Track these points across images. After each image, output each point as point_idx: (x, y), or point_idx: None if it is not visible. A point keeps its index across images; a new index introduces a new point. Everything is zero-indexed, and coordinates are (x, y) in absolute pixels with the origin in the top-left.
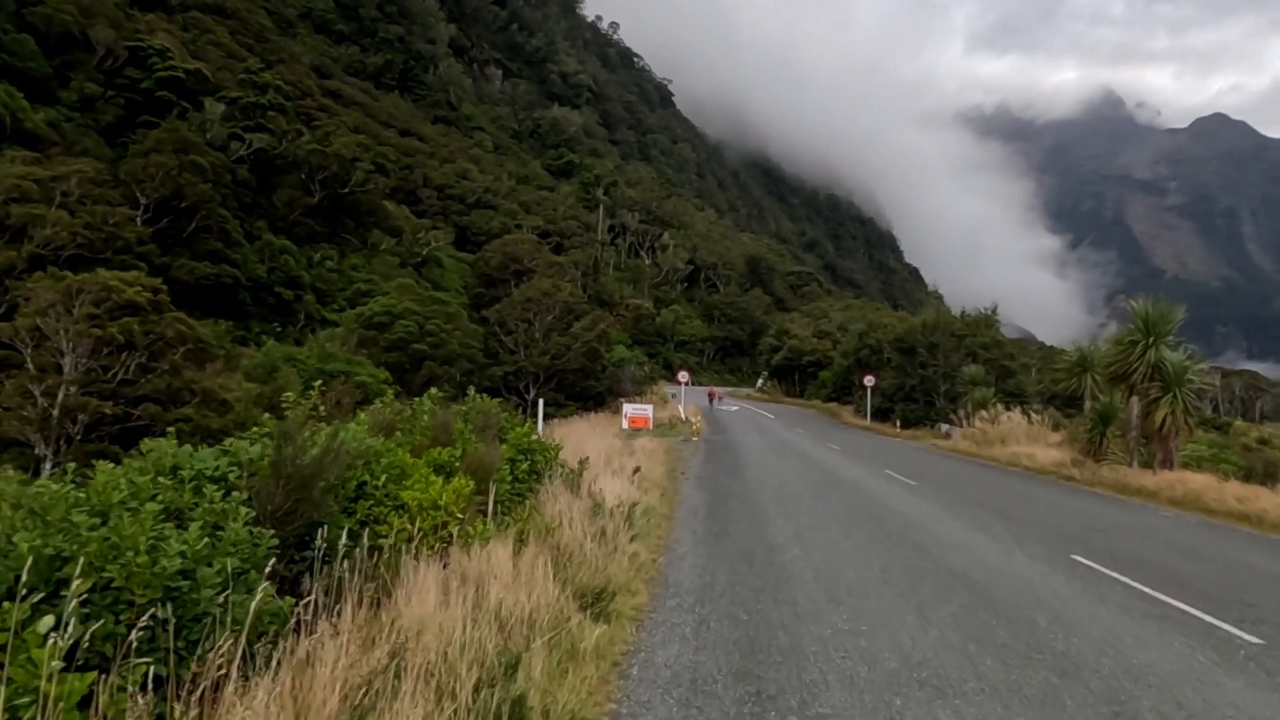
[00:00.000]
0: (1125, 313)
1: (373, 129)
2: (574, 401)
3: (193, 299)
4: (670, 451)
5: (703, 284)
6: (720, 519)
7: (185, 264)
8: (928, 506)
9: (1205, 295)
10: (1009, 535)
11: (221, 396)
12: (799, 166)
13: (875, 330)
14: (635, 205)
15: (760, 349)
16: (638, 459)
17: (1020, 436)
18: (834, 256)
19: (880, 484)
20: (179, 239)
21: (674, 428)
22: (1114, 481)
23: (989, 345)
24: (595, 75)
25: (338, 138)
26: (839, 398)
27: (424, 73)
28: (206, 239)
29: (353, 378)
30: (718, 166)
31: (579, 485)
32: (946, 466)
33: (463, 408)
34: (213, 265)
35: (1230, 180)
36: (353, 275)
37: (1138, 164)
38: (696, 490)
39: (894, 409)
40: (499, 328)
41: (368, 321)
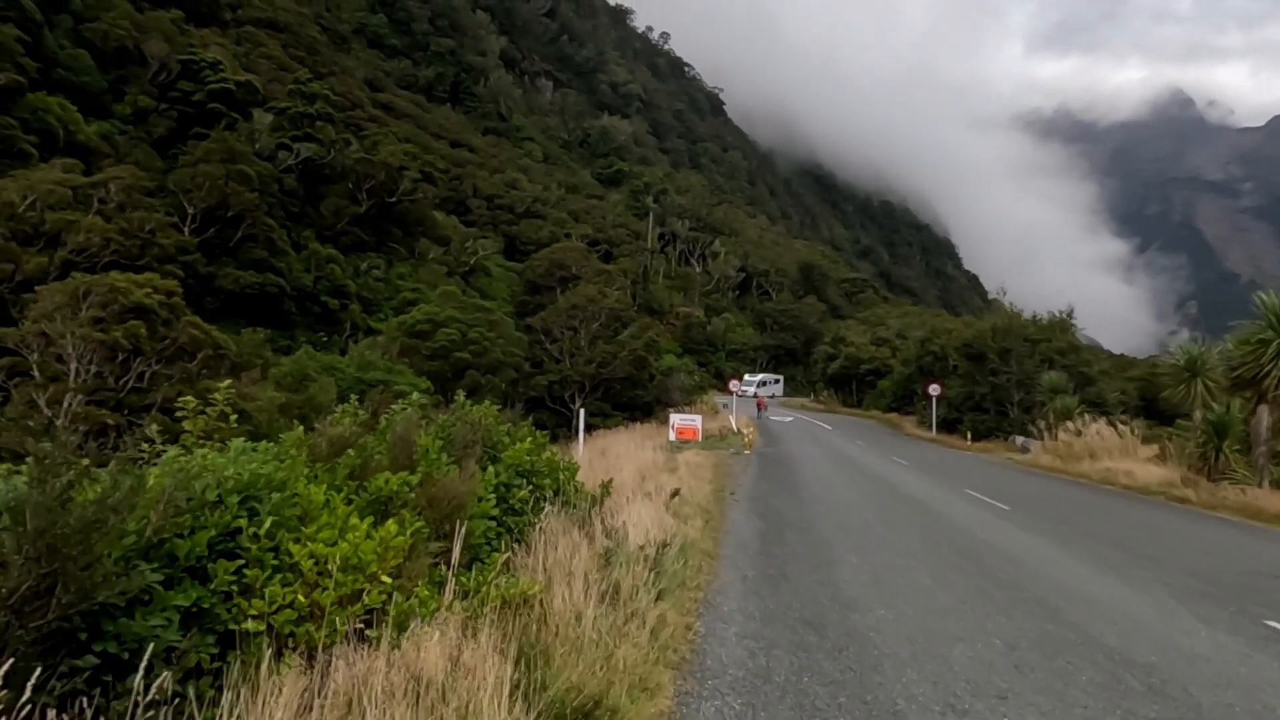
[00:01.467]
0: (1196, 319)
1: (423, 140)
2: (620, 411)
3: (237, 307)
4: (719, 466)
5: (755, 292)
6: (776, 557)
7: (230, 272)
8: (1031, 540)
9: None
10: (1156, 583)
11: (241, 407)
12: (851, 173)
13: (939, 336)
14: (685, 213)
15: (815, 357)
16: (680, 477)
17: (1111, 450)
18: (889, 264)
19: (964, 507)
20: (225, 248)
21: (724, 439)
22: (1242, 505)
23: (1065, 351)
24: (645, 85)
25: (385, 146)
26: (899, 408)
27: (475, 84)
28: (252, 248)
29: (392, 387)
30: (769, 174)
31: (593, 518)
32: (1034, 486)
33: (447, 417)
34: (257, 274)
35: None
36: (399, 284)
37: (1208, 165)
38: (747, 516)
39: (962, 419)
40: (544, 335)
41: (410, 329)
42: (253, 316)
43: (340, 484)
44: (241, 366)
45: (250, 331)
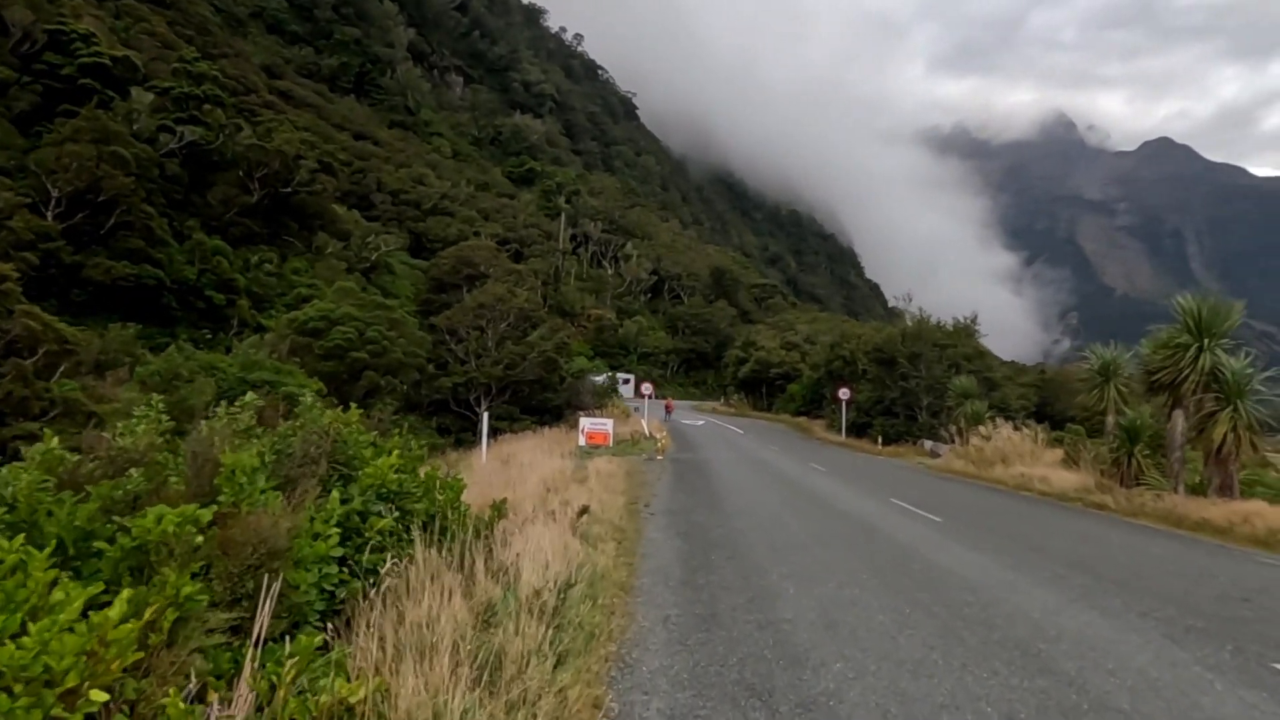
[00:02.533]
0: (1077, 329)
1: (325, 131)
2: (530, 415)
3: (110, 301)
4: (632, 475)
5: (667, 295)
6: (703, 589)
7: (101, 262)
8: (981, 561)
9: (1153, 313)
10: (1133, 614)
11: (89, 408)
12: (761, 182)
13: (848, 341)
14: (598, 214)
15: (726, 361)
16: (590, 489)
17: (1022, 455)
18: (796, 271)
19: (897, 521)
20: (96, 236)
21: (637, 444)
22: (1163, 512)
23: (972, 356)
24: (559, 85)
25: (281, 134)
26: (809, 412)
27: (381, 76)
28: (127, 236)
29: (279, 388)
30: (681, 180)
31: (478, 552)
32: (956, 493)
33: (288, 425)
34: (133, 265)
35: (1176, 202)
36: (294, 280)
37: (1089, 185)
38: (667, 534)
39: (872, 424)
40: (449, 336)
41: (302, 327)
42: (127, 311)
43: (88, 526)
44: (107, 365)
45: (119, 327)
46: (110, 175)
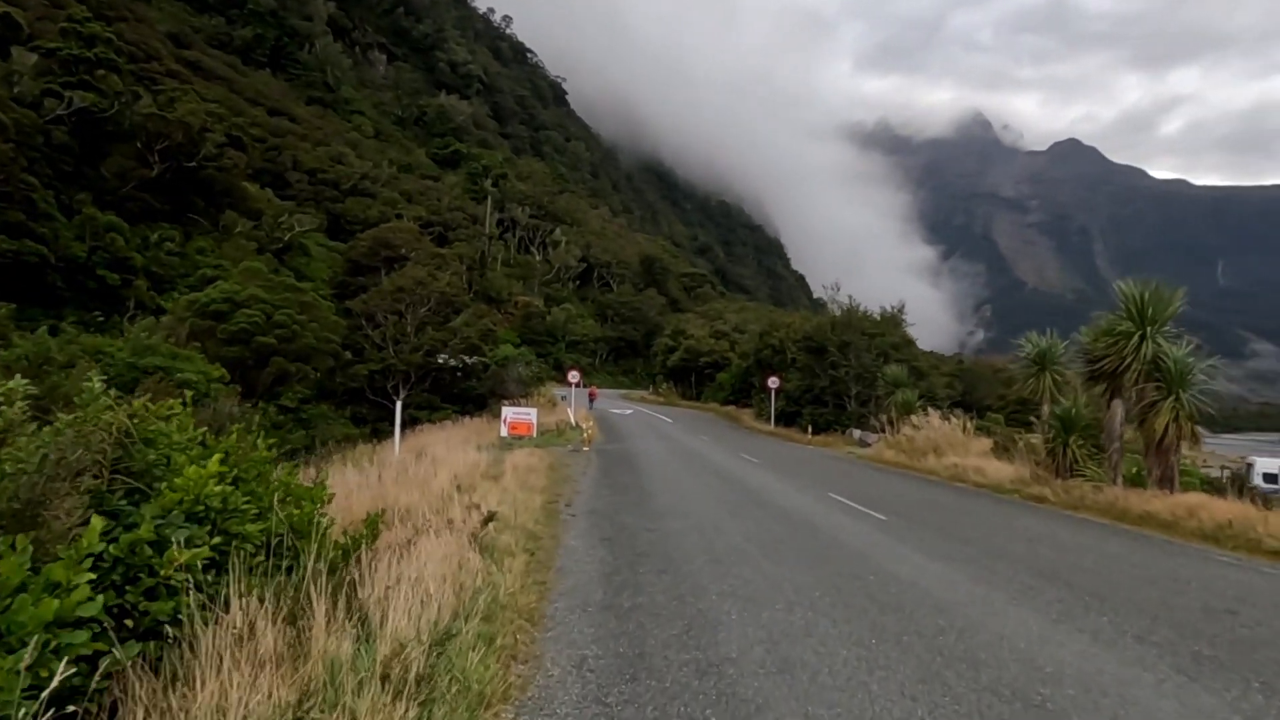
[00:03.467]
0: (990, 321)
1: (236, 105)
2: (451, 404)
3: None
4: (555, 469)
5: (596, 283)
6: (629, 618)
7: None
8: (940, 569)
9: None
10: (1129, 638)
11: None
12: (691, 172)
13: (777, 329)
14: (526, 199)
15: (655, 350)
16: (504, 486)
17: (954, 445)
18: (725, 261)
19: (840, 520)
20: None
21: (562, 434)
22: (1105, 505)
23: (900, 345)
24: (486, 67)
25: (184, 104)
26: (737, 400)
27: (299, 50)
28: (5, 209)
29: (174, 375)
30: (612, 168)
31: (323, 593)
32: (893, 486)
33: (63, 420)
34: (11, 240)
35: (1083, 201)
36: (199, 260)
37: (1003, 183)
38: (588, 542)
39: (801, 413)
40: (366, 320)
41: (203, 309)
42: (5, 291)
43: None
44: None
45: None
46: None
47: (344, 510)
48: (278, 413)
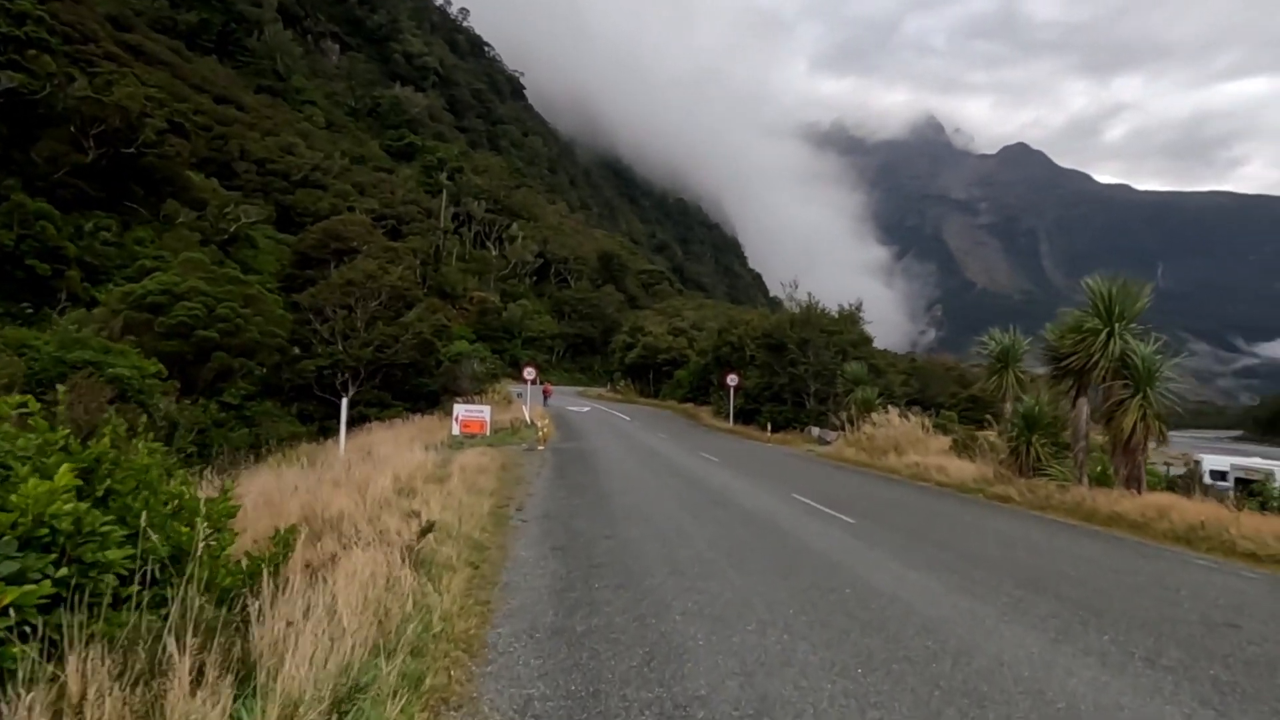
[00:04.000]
0: (941, 321)
1: (181, 91)
2: (403, 401)
3: None
4: (507, 469)
5: (553, 279)
6: (583, 645)
7: None
8: (921, 579)
9: (1009, 307)
10: (1139, 661)
11: None
12: (649, 169)
13: (736, 327)
14: (482, 193)
15: (613, 346)
16: (450, 490)
17: (914, 443)
18: (683, 259)
19: (807, 524)
20: None
21: (516, 433)
22: (1072, 505)
23: (858, 343)
24: (443, 59)
25: (122, 88)
26: (695, 398)
27: (247, 37)
28: None
29: (105, 370)
30: (569, 163)
31: (198, 638)
32: (857, 486)
33: None
34: None
35: (1031, 204)
36: (138, 250)
37: (954, 185)
38: (540, 551)
39: (760, 410)
40: (313, 315)
41: (139, 302)
42: None
43: None
44: None
45: None
46: None
47: (270, 519)
48: (219, 410)
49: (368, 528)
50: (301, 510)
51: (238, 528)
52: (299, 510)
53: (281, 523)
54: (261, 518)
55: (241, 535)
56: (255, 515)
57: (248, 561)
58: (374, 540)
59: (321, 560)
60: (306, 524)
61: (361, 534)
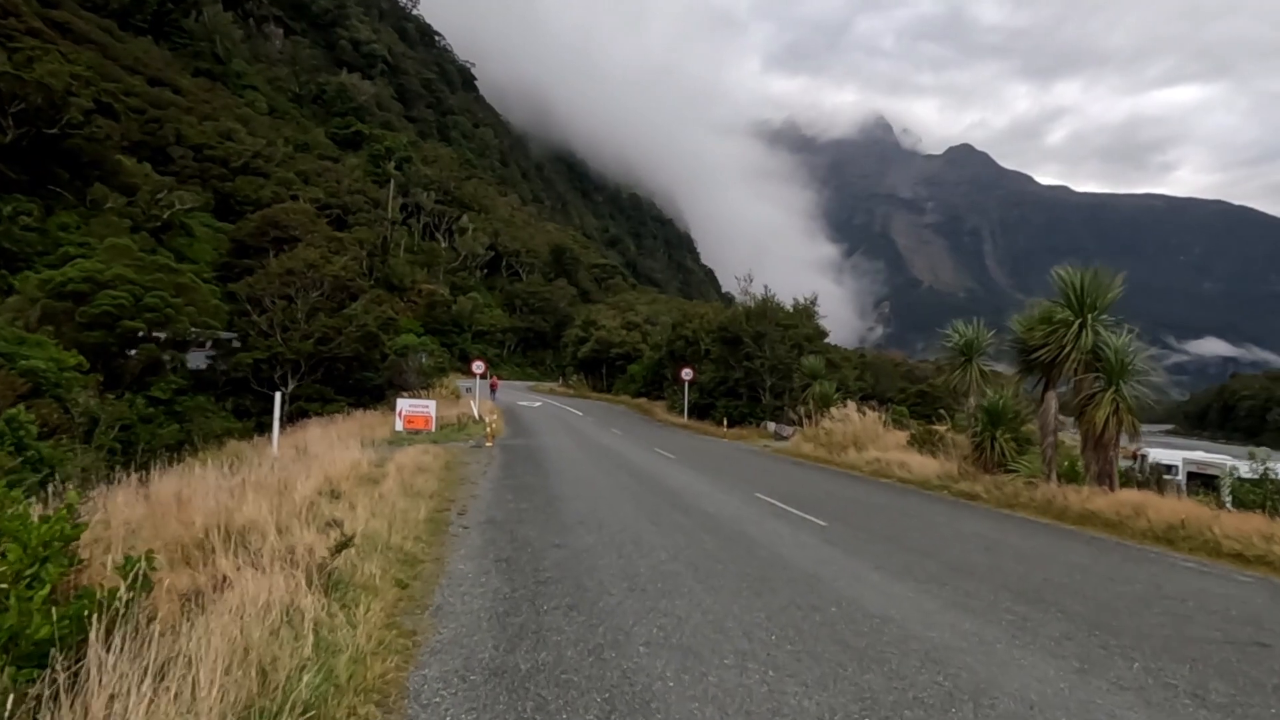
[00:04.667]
0: (889, 317)
1: (112, 72)
2: (346, 396)
3: None
4: (451, 468)
5: (504, 272)
6: (527, 689)
7: None
8: (907, 592)
9: (954, 305)
10: (1182, 697)
11: None
12: (602, 164)
13: (691, 320)
14: (432, 184)
15: (565, 340)
16: (383, 492)
17: (874, 438)
18: (636, 254)
19: (775, 527)
20: None
21: (463, 429)
22: (1042, 503)
23: (813, 337)
24: (391, 47)
25: (44, 65)
26: (649, 393)
27: (184, 18)
28: None
29: (18, 363)
30: (522, 156)
31: None
32: (821, 484)
33: None
34: None
35: (975, 204)
36: (62, 236)
37: (902, 184)
38: (480, 565)
39: (715, 405)
40: (251, 305)
41: (59, 290)
42: None
43: None
44: None
45: None
46: None
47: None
48: (146, 405)
49: (278, 540)
50: (205, 520)
51: (111, 548)
52: (203, 519)
53: (187, 534)
54: (168, 526)
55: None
56: (160, 525)
57: (72, 604)
58: (280, 557)
59: (210, 585)
60: (206, 537)
61: (269, 548)
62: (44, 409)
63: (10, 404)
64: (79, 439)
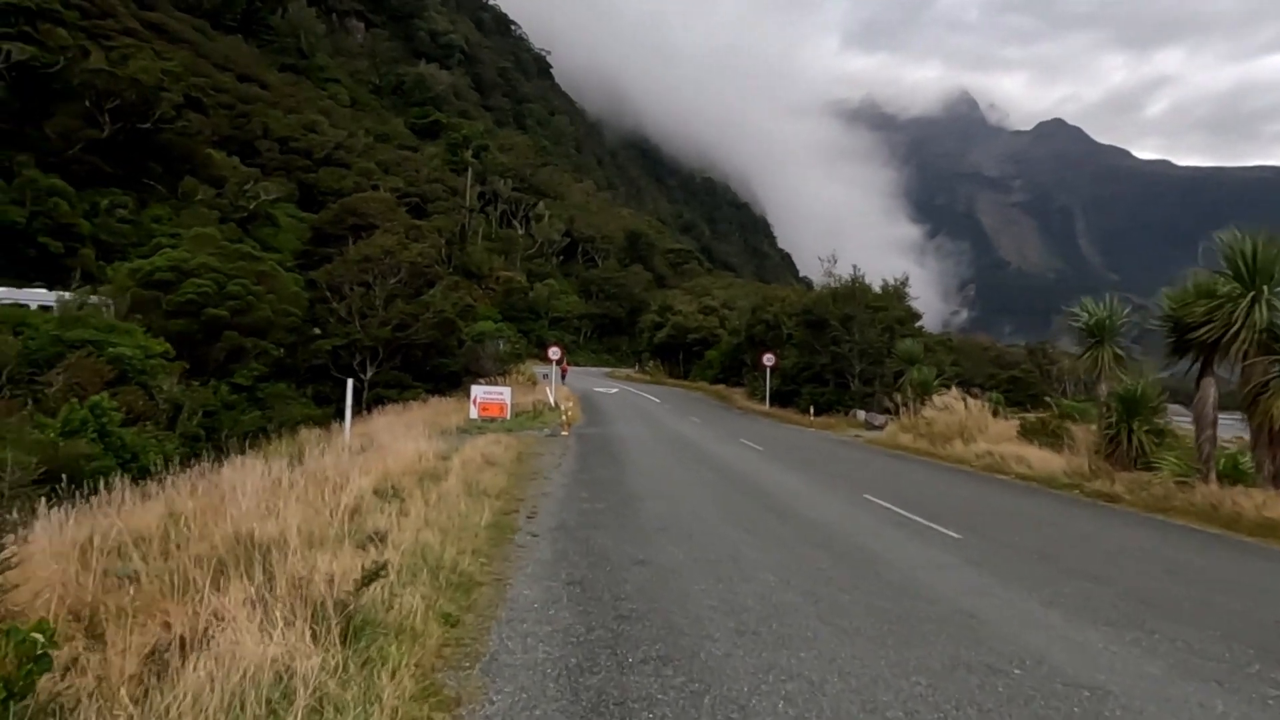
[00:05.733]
0: (973, 300)
1: (204, 69)
2: (423, 382)
3: None
4: (522, 460)
5: (580, 258)
6: None
7: None
8: (1106, 643)
9: (1042, 286)
10: None
11: None
12: (675, 149)
13: (771, 304)
14: (508, 171)
15: (641, 326)
16: (446, 489)
17: (983, 429)
18: (710, 239)
19: (899, 541)
20: None
21: (539, 416)
22: (1203, 509)
23: (905, 319)
24: (468, 37)
25: (137, 61)
26: (728, 379)
27: (271, 15)
28: None
29: (106, 349)
30: (596, 143)
31: None
32: (933, 483)
33: None
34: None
35: (1065, 181)
36: (154, 228)
37: (986, 162)
38: (547, 591)
39: (799, 392)
40: (330, 292)
41: (147, 279)
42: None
43: None
44: None
45: None
46: None
47: (198, 541)
48: (230, 391)
49: (302, 560)
50: (237, 526)
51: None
52: (235, 526)
53: (205, 547)
54: (203, 530)
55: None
56: (195, 527)
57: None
58: (297, 585)
59: (189, 636)
60: (229, 554)
61: (288, 574)
62: (129, 396)
63: (97, 391)
64: (162, 425)
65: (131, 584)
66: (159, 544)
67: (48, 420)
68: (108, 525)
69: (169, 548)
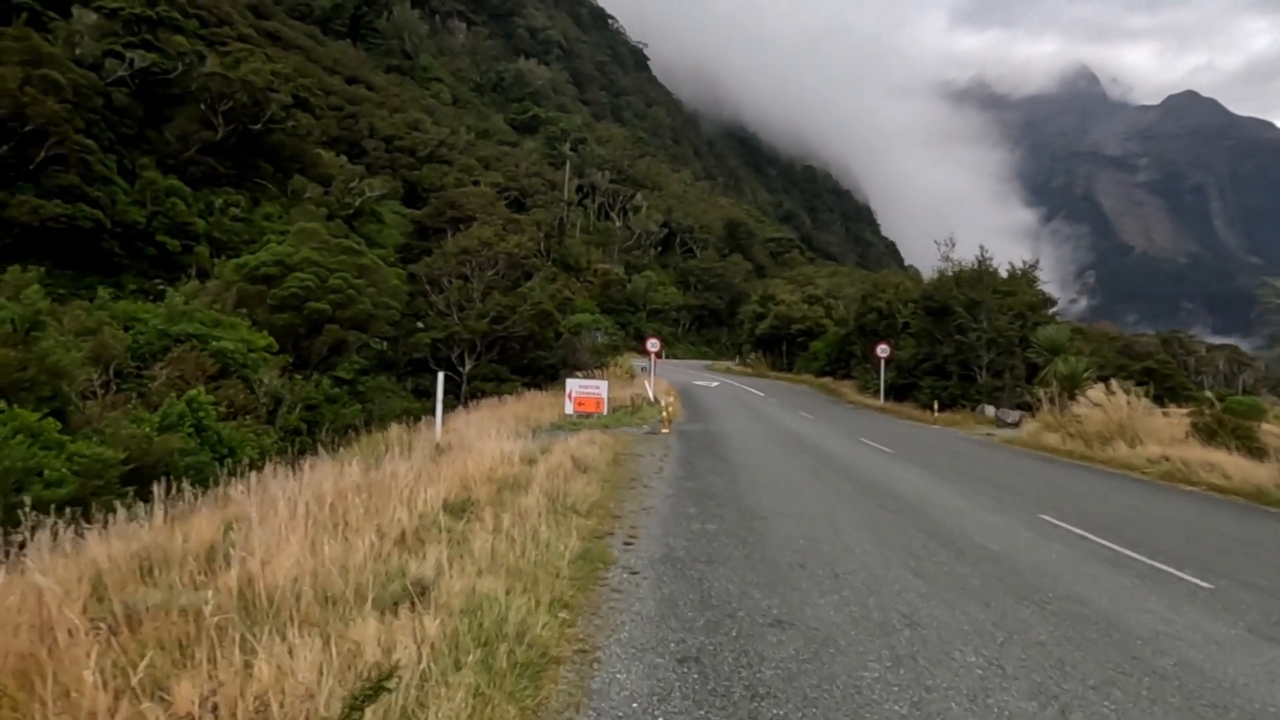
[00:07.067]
0: (1094, 288)
1: (315, 74)
2: (520, 375)
3: (40, 244)
4: (618, 464)
5: (678, 249)
6: None
7: (27, 200)
8: None
9: (1171, 272)
10: None
11: None
12: (774, 137)
13: (883, 291)
14: (605, 164)
15: (742, 317)
16: (526, 506)
17: (1153, 430)
18: (810, 228)
19: (1119, 586)
20: (23, 171)
21: (637, 411)
22: None
23: (1036, 306)
24: (566, 32)
25: (248, 63)
26: (834, 371)
27: (377, 19)
28: (59, 172)
29: (210, 343)
30: (693, 134)
31: None
32: (1112, 495)
33: None
34: (66, 204)
35: (1199, 157)
36: (265, 225)
37: (1108, 140)
38: (651, 678)
39: (918, 385)
40: (429, 285)
41: (252, 273)
42: (62, 257)
43: None
44: None
45: (17, 271)
46: (38, 101)
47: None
48: (332, 385)
49: (299, 640)
50: (240, 571)
51: None
52: (236, 572)
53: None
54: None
55: None
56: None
57: None
58: (267, 690)
59: None
60: (214, 614)
61: (261, 672)
62: (230, 389)
63: (200, 384)
64: (263, 419)
65: None
66: (134, 588)
67: (146, 415)
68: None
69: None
